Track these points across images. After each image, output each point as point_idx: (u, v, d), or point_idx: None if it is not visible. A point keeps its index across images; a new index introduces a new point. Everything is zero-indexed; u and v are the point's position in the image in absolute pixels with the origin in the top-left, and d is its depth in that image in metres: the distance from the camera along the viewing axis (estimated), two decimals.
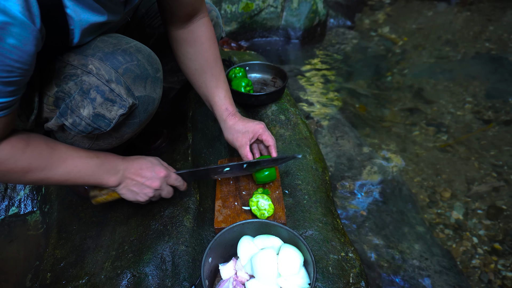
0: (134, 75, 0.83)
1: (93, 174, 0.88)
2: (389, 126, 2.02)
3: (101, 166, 0.89)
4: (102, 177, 0.90)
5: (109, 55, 0.81)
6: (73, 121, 0.84)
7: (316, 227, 1.15)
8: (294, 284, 0.87)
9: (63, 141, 0.98)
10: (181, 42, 1.07)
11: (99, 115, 0.82)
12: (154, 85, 0.89)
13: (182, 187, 1.03)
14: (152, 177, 0.95)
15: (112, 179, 0.91)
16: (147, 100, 0.88)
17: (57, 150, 0.83)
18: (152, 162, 0.97)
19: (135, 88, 0.84)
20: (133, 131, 0.94)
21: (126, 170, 0.93)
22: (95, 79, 0.80)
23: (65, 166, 0.83)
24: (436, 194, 1.59)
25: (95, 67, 0.80)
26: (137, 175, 0.94)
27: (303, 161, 1.39)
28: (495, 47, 2.77)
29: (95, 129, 0.85)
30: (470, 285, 1.24)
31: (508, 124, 1.98)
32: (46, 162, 0.80)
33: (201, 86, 1.11)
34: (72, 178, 0.85)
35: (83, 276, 1.03)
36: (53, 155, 0.81)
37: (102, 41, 0.84)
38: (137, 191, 0.95)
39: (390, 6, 3.67)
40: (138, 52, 0.85)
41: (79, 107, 0.82)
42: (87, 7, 0.76)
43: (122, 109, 0.82)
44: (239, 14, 2.87)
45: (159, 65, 0.91)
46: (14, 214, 1.38)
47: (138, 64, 0.84)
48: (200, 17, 1.07)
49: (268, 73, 1.84)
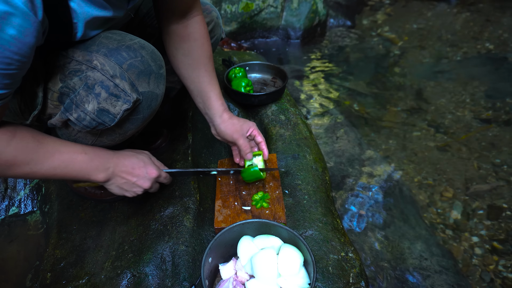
0: (138, 71, 0.83)
1: (81, 170, 0.86)
2: (389, 126, 2.02)
3: (89, 163, 0.86)
4: (90, 173, 0.87)
5: (113, 51, 0.82)
6: (77, 116, 0.84)
7: (316, 227, 1.15)
8: (294, 284, 0.87)
9: (66, 137, 0.98)
10: (175, 37, 1.08)
11: (103, 110, 0.83)
12: (158, 81, 0.89)
13: (168, 183, 1.04)
14: (144, 177, 0.94)
15: (101, 175, 0.89)
16: (151, 96, 0.89)
17: (44, 144, 0.80)
18: (144, 161, 0.95)
19: (139, 83, 0.84)
20: (137, 128, 0.95)
21: (116, 167, 0.91)
22: (99, 74, 0.80)
23: (52, 161, 0.80)
24: (436, 194, 1.59)
25: (99, 63, 0.81)
26: (128, 174, 0.93)
27: (303, 161, 1.39)
28: (495, 47, 2.77)
29: (100, 124, 0.85)
30: (470, 285, 1.24)
31: (508, 124, 1.98)
32: (32, 156, 0.77)
33: (194, 81, 1.11)
34: (58, 173, 0.83)
35: (83, 276, 1.03)
36: (39, 148, 0.78)
37: (106, 37, 0.84)
38: (126, 189, 0.95)
39: (390, 6, 3.67)
40: (142, 48, 0.85)
41: (83, 102, 0.82)
42: (91, 2, 0.76)
43: (127, 104, 0.83)
44: (239, 14, 2.88)
45: (162, 62, 0.92)
46: (14, 214, 1.38)
47: (142, 60, 0.84)
48: (195, 15, 1.08)
49: (268, 73, 1.84)
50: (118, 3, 0.83)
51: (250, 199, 1.18)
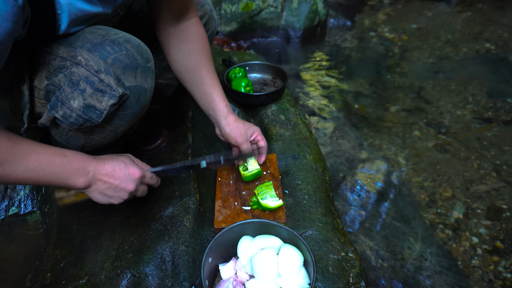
0: (123, 65, 0.82)
1: (58, 173, 0.79)
2: (389, 126, 2.02)
3: (68, 165, 0.80)
4: (69, 177, 0.80)
5: (97, 45, 0.81)
6: (63, 113, 0.83)
7: (316, 227, 1.14)
8: (294, 284, 0.86)
9: (59, 137, 0.97)
10: (173, 40, 1.07)
11: (89, 106, 0.82)
12: (145, 75, 0.88)
13: (156, 185, 0.99)
14: (126, 178, 0.88)
15: (81, 180, 0.82)
16: (139, 91, 0.87)
17: (20, 145, 0.74)
18: (125, 162, 0.89)
19: (125, 78, 0.83)
20: (127, 124, 0.93)
21: (96, 171, 0.84)
22: (84, 70, 0.79)
23: (27, 162, 0.74)
24: (436, 194, 1.59)
25: (84, 58, 0.80)
26: (109, 177, 0.86)
27: (303, 161, 1.39)
28: (495, 47, 2.77)
29: (87, 121, 0.84)
30: (470, 285, 1.24)
31: (508, 124, 1.98)
32: (6, 156, 0.71)
33: (197, 83, 1.11)
34: (34, 176, 0.76)
35: (83, 276, 1.03)
36: (14, 148, 0.72)
37: (91, 32, 0.83)
38: (110, 195, 0.88)
39: (390, 6, 3.67)
40: (127, 42, 0.84)
41: (69, 99, 0.81)
42: None
43: (113, 99, 0.82)
44: (239, 14, 2.87)
45: (150, 55, 0.90)
46: (14, 214, 1.38)
47: (127, 54, 0.83)
48: (190, 16, 1.07)
49: (268, 73, 1.84)
50: None
51: (250, 199, 1.18)
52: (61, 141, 0.99)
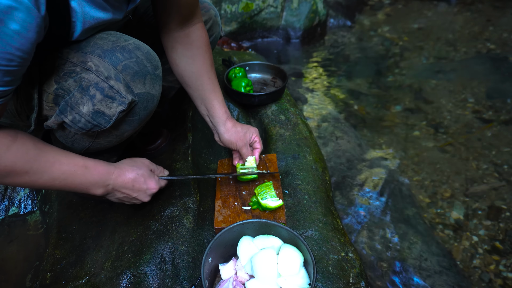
0: (133, 72, 0.83)
1: (80, 184, 0.84)
2: (389, 126, 2.02)
3: (89, 177, 0.84)
4: (89, 188, 0.86)
5: (108, 52, 0.81)
6: (72, 118, 0.84)
7: (316, 227, 1.14)
8: (294, 284, 0.86)
9: (63, 139, 0.98)
10: (177, 45, 1.07)
11: (98, 112, 0.82)
12: (154, 82, 0.89)
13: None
14: (144, 192, 0.95)
15: (100, 191, 0.88)
16: (147, 97, 0.88)
17: (45, 152, 0.77)
18: (144, 177, 0.94)
19: (134, 85, 0.84)
20: (133, 129, 0.94)
21: (116, 184, 0.89)
22: (94, 76, 0.80)
23: (52, 172, 0.78)
24: (436, 194, 1.59)
25: (94, 64, 0.80)
26: (128, 190, 0.92)
27: (303, 161, 1.39)
28: (495, 47, 2.76)
29: (95, 126, 0.85)
30: (470, 285, 1.24)
31: (508, 124, 1.98)
32: (32, 164, 0.74)
33: (198, 89, 1.12)
34: (57, 185, 0.80)
35: (83, 276, 1.03)
36: (40, 156, 0.75)
37: (101, 38, 0.84)
38: (125, 201, 0.96)
39: (390, 6, 3.67)
40: (137, 49, 0.85)
41: (78, 104, 0.82)
42: (91, 2, 0.76)
43: (122, 105, 0.82)
44: (239, 14, 2.87)
45: (158, 62, 0.91)
46: (14, 214, 1.38)
47: (137, 61, 0.84)
48: (195, 22, 1.08)
49: (268, 73, 1.84)
50: (117, 4, 0.83)
51: (250, 199, 1.18)
52: (65, 143, 1.00)
